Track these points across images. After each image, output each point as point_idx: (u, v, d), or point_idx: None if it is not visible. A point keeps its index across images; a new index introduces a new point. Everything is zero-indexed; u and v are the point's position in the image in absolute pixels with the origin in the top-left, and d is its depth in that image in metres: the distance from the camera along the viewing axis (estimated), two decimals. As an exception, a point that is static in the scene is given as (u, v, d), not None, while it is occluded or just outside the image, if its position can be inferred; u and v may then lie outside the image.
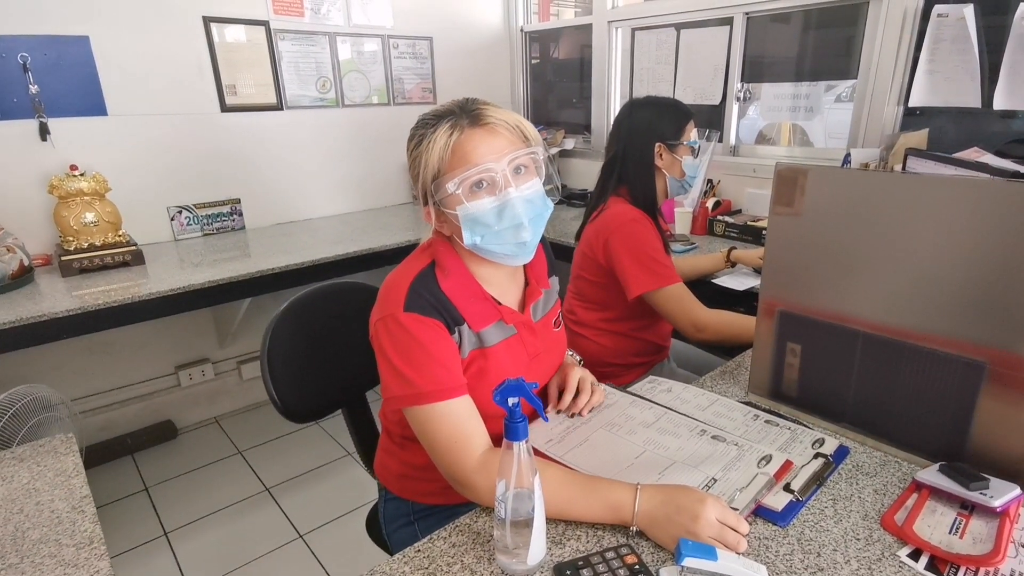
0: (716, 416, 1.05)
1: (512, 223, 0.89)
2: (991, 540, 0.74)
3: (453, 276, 0.95)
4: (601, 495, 0.81)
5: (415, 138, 0.91)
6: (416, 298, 0.90)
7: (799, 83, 2.45)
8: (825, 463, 0.91)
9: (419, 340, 0.88)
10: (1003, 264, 0.79)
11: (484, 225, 0.89)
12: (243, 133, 2.55)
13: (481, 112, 0.88)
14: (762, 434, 1.00)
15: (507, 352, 0.99)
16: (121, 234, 2.12)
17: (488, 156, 0.87)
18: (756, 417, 1.04)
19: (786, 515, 0.81)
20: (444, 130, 0.87)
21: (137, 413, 2.54)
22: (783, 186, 1.00)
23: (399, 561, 0.78)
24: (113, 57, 2.20)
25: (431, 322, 0.90)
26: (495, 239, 0.91)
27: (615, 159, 1.51)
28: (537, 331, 1.06)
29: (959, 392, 0.86)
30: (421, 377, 0.87)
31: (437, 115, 0.90)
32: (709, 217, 2.43)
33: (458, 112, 0.89)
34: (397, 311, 0.89)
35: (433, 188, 0.89)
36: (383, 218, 2.83)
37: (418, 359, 0.88)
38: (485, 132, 0.88)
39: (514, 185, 0.89)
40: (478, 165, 0.87)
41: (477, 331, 0.95)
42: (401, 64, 2.95)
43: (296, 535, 2.05)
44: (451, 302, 0.93)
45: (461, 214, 0.89)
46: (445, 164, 0.88)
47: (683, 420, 1.04)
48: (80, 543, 0.83)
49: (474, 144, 0.87)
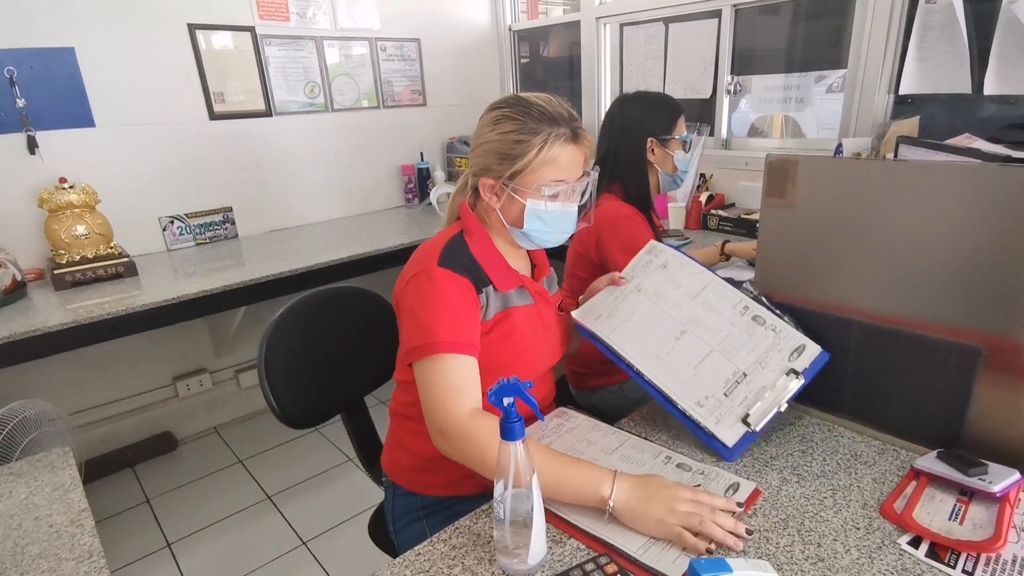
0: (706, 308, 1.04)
1: (562, 227, 1.04)
2: (991, 526, 0.74)
3: (481, 243, 1.04)
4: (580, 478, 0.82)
5: (518, 122, 0.98)
6: (450, 256, 0.98)
7: (789, 74, 2.45)
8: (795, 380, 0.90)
9: (445, 293, 0.94)
10: (996, 249, 0.79)
11: (544, 222, 1.02)
12: (233, 141, 2.54)
13: (580, 132, 1.00)
14: (745, 337, 0.99)
15: (527, 318, 1.06)
16: (113, 246, 2.11)
17: (573, 171, 1.00)
18: (745, 310, 1.02)
19: (736, 449, 0.82)
20: (557, 140, 0.97)
21: (136, 425, 2.54)
22: (774, 177, 1.01)
23: (400, 565, 0.78)
24: (99, 68, 2.19)
25: (460, 279, 0.96)
26: (544, 235, 1.04)
27: (607, 155, 1.51)
28: (551, 303, 1.14)
29: (955, 378, 0.86)
30: (439, 327, 0.92)
31: (546, 115, 0.98)
32: (702, 212, 2.43)
33: (565, 121, 0.98)
34: (431, 266, 0.96)
35: (512, 173, 0.98)
36: (376, 222, 2.83)
37: (441, 310, 0.93)
38: (577, 150, 1.00)
39: (574, 200, 1.03)
40: (565, 178, 0.99)
41: (503, 292, 1.03)
42: (390, 67, 2.95)
43: (299, 542, 2.04)
44: (480, 264, 1.01)
45: (530, 207, 1.00)
46: (545, 166, 0.97)
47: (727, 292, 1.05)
48: (80, 557, 0.83)
49: (569, 158, 0.99)
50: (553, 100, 1.01)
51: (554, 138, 0.96)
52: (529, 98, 1.00)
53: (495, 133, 0.99)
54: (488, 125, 1.01)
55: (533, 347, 1.07)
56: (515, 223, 1.02)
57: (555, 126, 0.97)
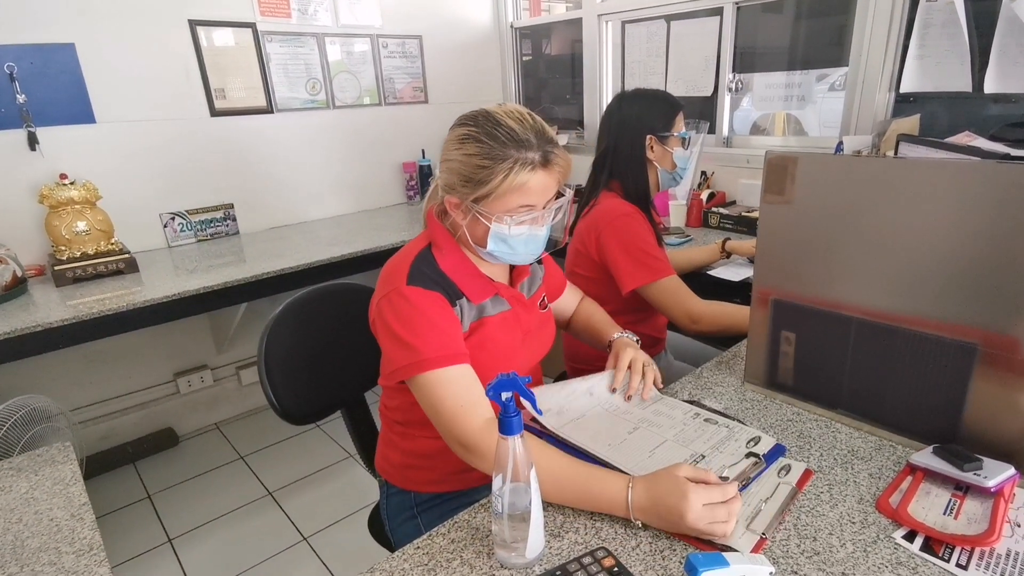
0: (656, 415, 1.04)
1: (529, 250, 1.01)
2: (986, 520, 0.74)
3: (450, 256, 1.01)
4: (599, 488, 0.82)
5: (482, 145, 0.92)
6: (418, 274, 0.96)
7: (791, 72, 2.45)
8: (755, 462, 0.88)
9: (421, 309, 0.93)
10: (994, 246, 0.79)
11: (507, 244, 0.98)
12: (234, 137, 2.55)
13: (552, 156, 0.94)
14: (699, 432, 0.98)
15: (503, 325, 1.04)
16: (114, 242, 2.11)
17: (541, 197, 0.96)
18: (696, 416, 1.03)
19: None
20: (524, 167, 0.92)
21: (137, 421, 2.54)
22: (774, 174, 1.01)
23: (399, 559, 0.78)
24: (99, 64, 2.19)
25: (433, 294, 0.95)
26: (509, 256, 1.00)
27: (606, 153, 1.51)
28: (529, 307, 1.11)
29: (952, 375, 0.86)
30: (425, 344, 0.91)
31: (514, 139, 0.92)
32: (704, 209, 2.43)
33: (535, 145, 0.92)
34: (400, 285, 0.94)
35: (477, 196, 0.94)
36: (378, 219, 2.83)
37: (421, 327, 0.92)
38: (547, 175, 0.95)
39: (543, 224, 0.99)
40: (530, 203, 0.95)
41: (477, 303, 1.01)
42: (391, 64, 2.95)
43: (300, 537, 2.05)
44: (450, 278, 0.99)
45: (495, 231, 0.96)
46: (510, 193, 0.93)
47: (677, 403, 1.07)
48: (80, 550, 0.83)
49: (538, 184, 0.94)
50: (526, 119, 0.94)
51: (520, 165, 0.91)
52: (498, 116, 0.93)
53: (459, 153, 0.94)
54: (454, 143, 0.96)
55: (510, 352, 1.06)
56: (479, 243, 0.99)
57: (522, 151, 0.91)
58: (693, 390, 1.15)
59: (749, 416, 1.05)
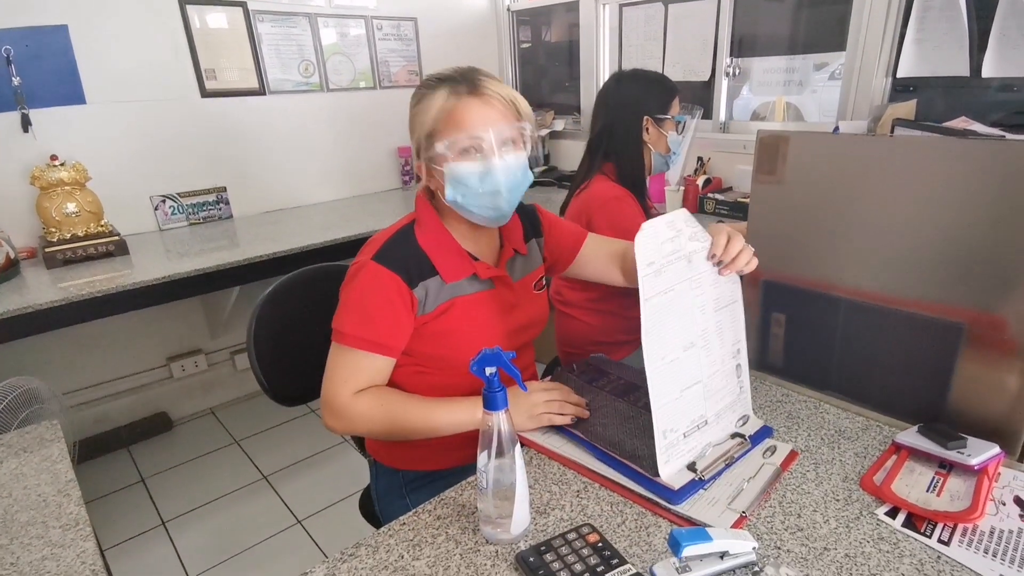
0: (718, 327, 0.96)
1: (491, 188, 0.95)
2: (968, 497, 0.74)
3: (430, 232, 1.02)
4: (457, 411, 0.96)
5: (415, 96, 0.98)
6: (388, 251, 0.98)
7: (788, 57, 2.43)
8: (740, 442, 0.88)
9: (371, 289, 0.96)
10: (982, 225, 0.79)
11: (466, 186, 0.95)
12: (225, 119, 2.52)
13: (479, 82, 0.94)
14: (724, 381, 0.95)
15: (480, 304, 1.04)
16: (103, 224, 2.10)
17: (479, 125, 0.93)
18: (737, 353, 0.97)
19: (682, 494, 0.78)
20: (441, 94, 0.93)
21: (130, 406, 2.54)
22: (765, 153, 1.00)
23: (384, 535, 0.78)
24: (91, 45, 2.17)
25: (390, 276, 0.96)
26: (475, 200, 0.97)
27: (602, 133, 1.50)
28: (515, 288, 1.10)
29: (938, 354, 0.86)
30: (352, 320, 0.96)
31: (439, 78, 0.96)
32: (700, 195, 2.42)
33: (458, 79, 0.94)
34: (366, 258, 0.98)
35: (425, 145, 0.96)
36: (372, 204, 2.82)
37: (361, 304, 0.96)
38: (480, 102, 0.93)
39: (498, 155, 0.94)
40: (468, 132, 0.93)
41: (449, 283, 1.01)
42: (386, 46, 2.92)
43: (295, 520, 2.06)
44: (426, 255, 0.99)
45: (447, 172, 0.95)
46: (439, 125, 0.94)
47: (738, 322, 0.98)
48: (66, 525, 0.84)
49: (468, 112, 0.93)
50: (459, 67, 0.97)
51: (445, 94, 0.93)
52: (438, 71, 0.98)
53: (410, 115, 0.99)
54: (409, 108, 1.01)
55: (487, 331, 1.05)
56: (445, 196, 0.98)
57: (451, 83, 0.94)
58: (683, 371, 1.15)
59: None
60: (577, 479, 0.86)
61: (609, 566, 0.69)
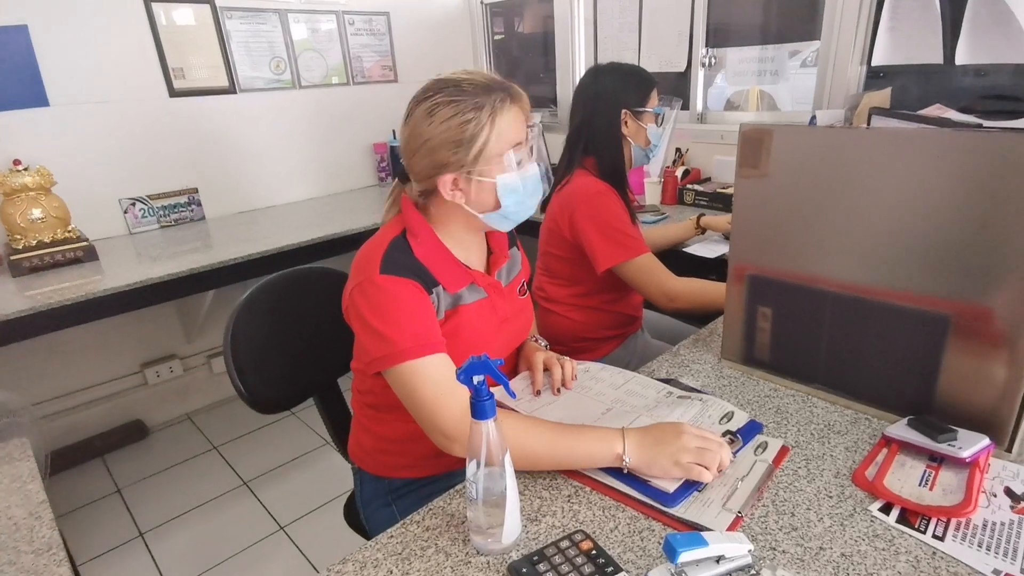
0: (628, 395, 1.02)
1: (533, 191, 0.99)
2: (961, 491, 0.74)
3: (425, 243, 0.97)
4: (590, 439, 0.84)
5: (458, 103, 0.91)
6: (391, 262, 0.92)
7: (764, 47, 2.43)
8: (731, 440, 0.86)
9: (396, 299, 0.90)
10: (966, 215, 0.79)
11: (517, 192, 0.96)
12: (195, 119, 2.45)
13: (515, 91, 0.95)
14: (672, 408, 0.96)
15: (478, 313, 1.01)
16: (71, 229, 2.03)
17: (523, 130, 0.96)
18: (669, 394, 1.01)
19: (676, 497, 0.77)
20: (502, 105, 0.92)
21: (104, 414, 2.47)
22: (748, 147, 0.99)
23: (372, 548, 0.76)
24: (53, 45, 2.09)
25: (407, 282, 0.91)
26: (519, 206, 0.98)
27: (581, 128, 1.48)
28: (506, 295, 1.08)
29: (925, 346, 0.86)
30: (400, 335, 0.88)
31: (479, 86, 0.92)
32: (679, 186, 2.42)
33: (500, 87, 0.93)
34: (373, 274, 0.90)
35: (479, 157, 0.92)
36: (348, 201, 2.77)
37: (396, 317, 0.89)
38: (518, 108, 0.95)
39: (533, 159, 0.99)
40: (521, 144, 0.95)
41: (452, 292, 0.98)
42: (358, 41, 2.86)
43: (277, 527, 2.02)
44: (425, 267, 0.95)
45: (502, 182, 0.94)
46: (498, 136, 0.92)
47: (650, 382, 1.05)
48: (39, 549, 0.81)
49: (516, 119, 0.94)
50: (474, 71, 0.95)
51: (500, 104, 0.92)
52: (451, 78, 0.94)
53: (435, 126, 0.91)
54: (422, 120, 0.92)
55: (486, 340, 1.03)
56: (491, 207, 0.96)
57: (492, 92, 0.92)
58: (670, 368, 1.14)
59: (727, 394, 1.04)
60: (567, 483, 0.84)
61: (604, 574, 0.67)
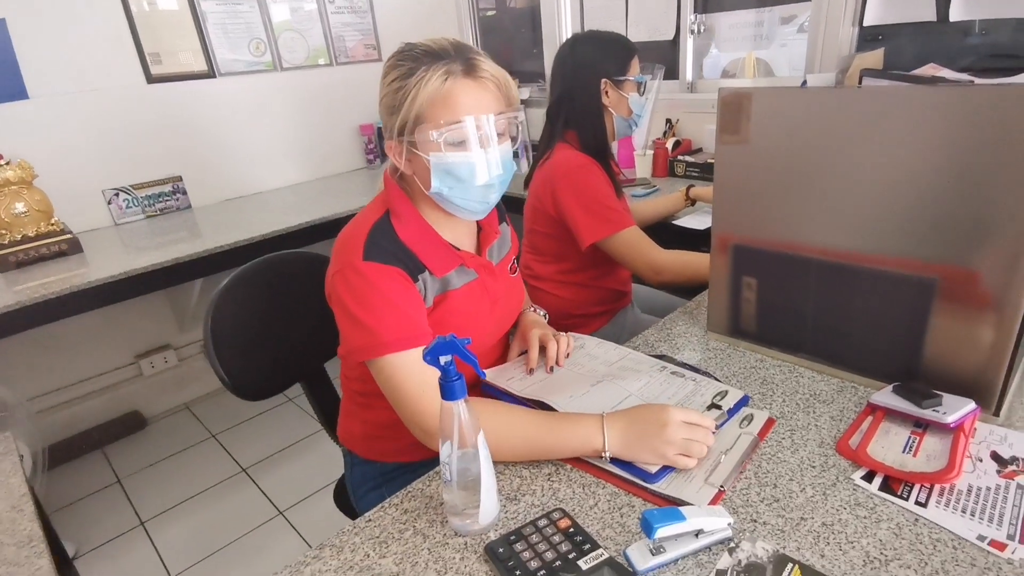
0: (621, 370, 1.01)
1: (482, 182, 0.89)
2: (945, 456, 0.73)
3: (410, 224, 0.92)
4: (569, 431, 0.81)
5: (399, 68, 0.86)
6: (374, 247, 0.87)
7: (756, 11, 2.37)
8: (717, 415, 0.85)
9: (379, 288, 0.86)
10: (951, 175, 0.76)
11: (455, 178, 0.88)
12: (175, 105, 2.41)
13: (476, 63, 0.86)
14: (664, 386, 0.94)
15: (469, 297, 0.98)
16: (54, 222, 2.01)
17: (474, 110, 0.85)
18: (663, 369, 1.00)
19: (659, 473, 0.76)
20: (438, 73, 0.83)
21: (101, 406, 2.47)
22: (728, 112, 0.96)
23: (351, 532, 0.75)
24: (30, 37, 2.06)
25: (391, 270, 0.87)
26: (463, 194, 0.89)
27: (560, 100, 1.44)
28: (497, 274, 1.05)
29: (911, 311, 0.84)
30: (382, 326, 0.85)
31: (430, 53, 0.85)
32: (669, 158, 2.38)
33: (452, 54, 0.85)
34: (355, 260, 0.86)
35: (410, 128, 0.86)
36: (336, 185, 2.74)
37: (378, 308, 0.85)
38: (477, 86, 0.86)
39: (492, 146, 0.88)
40: (463, 120, 0.84)
41: (440, 277, 0.94)
42: (340, 20, 2.80)
43: (276, 512, 2.03)
44: (411, 250, 0.91)
45: (434, 162, 0.86)
46: (431, 108, 0.84)
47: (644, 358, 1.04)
48: (20, 542, 0.81)
49: (464, 95, 0.85)
50: (447, 39, 0.87)
51: (439, 73, 0.83)
52: (418, 42, 0.87)
53: (383, 88, 0.88)
54: (380, 81, 0.89)
55: (477, 323, 1.01)
56: (427, 185, 0.89)
57: (437, 60, 0.84)
58: (656, 342, 1.13)
59: (713, 366, 1.03)
60: (548, 462, 0.83)
61: (581, 551, 0.66)
